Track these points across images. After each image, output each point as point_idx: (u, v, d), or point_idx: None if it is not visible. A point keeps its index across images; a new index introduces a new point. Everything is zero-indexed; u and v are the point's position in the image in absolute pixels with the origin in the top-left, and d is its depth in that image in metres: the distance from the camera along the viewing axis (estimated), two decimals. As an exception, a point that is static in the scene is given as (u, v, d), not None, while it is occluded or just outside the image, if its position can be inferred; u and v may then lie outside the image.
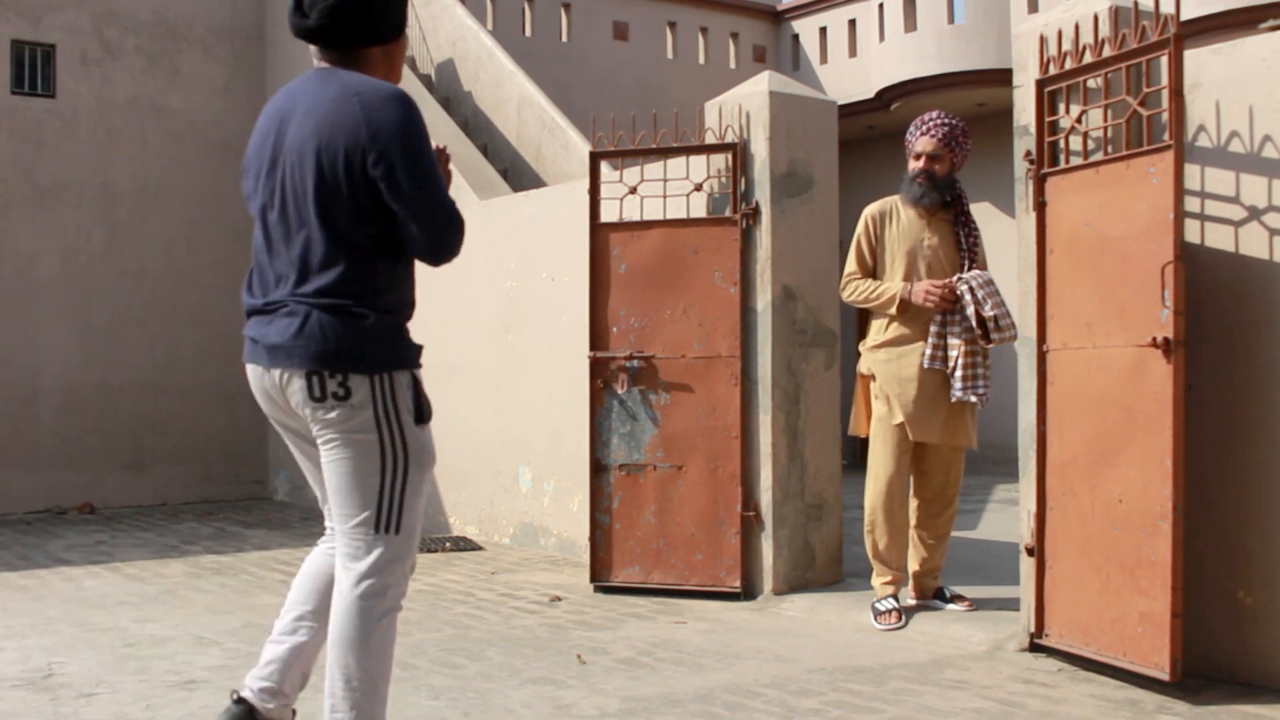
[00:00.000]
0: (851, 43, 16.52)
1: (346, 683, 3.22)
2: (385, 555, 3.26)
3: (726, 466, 6.50)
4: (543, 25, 15.58)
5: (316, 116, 3.20)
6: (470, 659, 5.24)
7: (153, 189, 11.47)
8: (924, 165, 5.76)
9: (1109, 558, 4.73)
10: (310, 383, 3.19)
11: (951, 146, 5.78)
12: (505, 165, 11.28)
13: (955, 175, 5.85)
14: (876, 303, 5.82)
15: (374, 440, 3.21)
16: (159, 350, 11.45)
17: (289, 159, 3.24)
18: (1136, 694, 4.54)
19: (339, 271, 3.20)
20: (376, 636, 3.24)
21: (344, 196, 3.17)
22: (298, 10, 3.34)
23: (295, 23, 3.36)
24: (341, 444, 3.23)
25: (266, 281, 3.32)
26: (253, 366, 3.34)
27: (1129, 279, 4.65)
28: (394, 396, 3.24)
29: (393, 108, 3.16)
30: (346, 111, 3.16)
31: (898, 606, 5.78)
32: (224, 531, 9.43)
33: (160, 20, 11.60)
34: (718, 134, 6.66)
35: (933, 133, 5.78)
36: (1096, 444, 4.82)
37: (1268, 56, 4.57)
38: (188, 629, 5.89)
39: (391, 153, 3.12)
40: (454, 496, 9.26)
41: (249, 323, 3.35)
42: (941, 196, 5.80)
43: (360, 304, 3.21)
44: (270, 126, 3.34)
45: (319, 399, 3.19)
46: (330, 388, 3.18)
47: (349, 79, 3.24)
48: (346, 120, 3.16)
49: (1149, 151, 4.61)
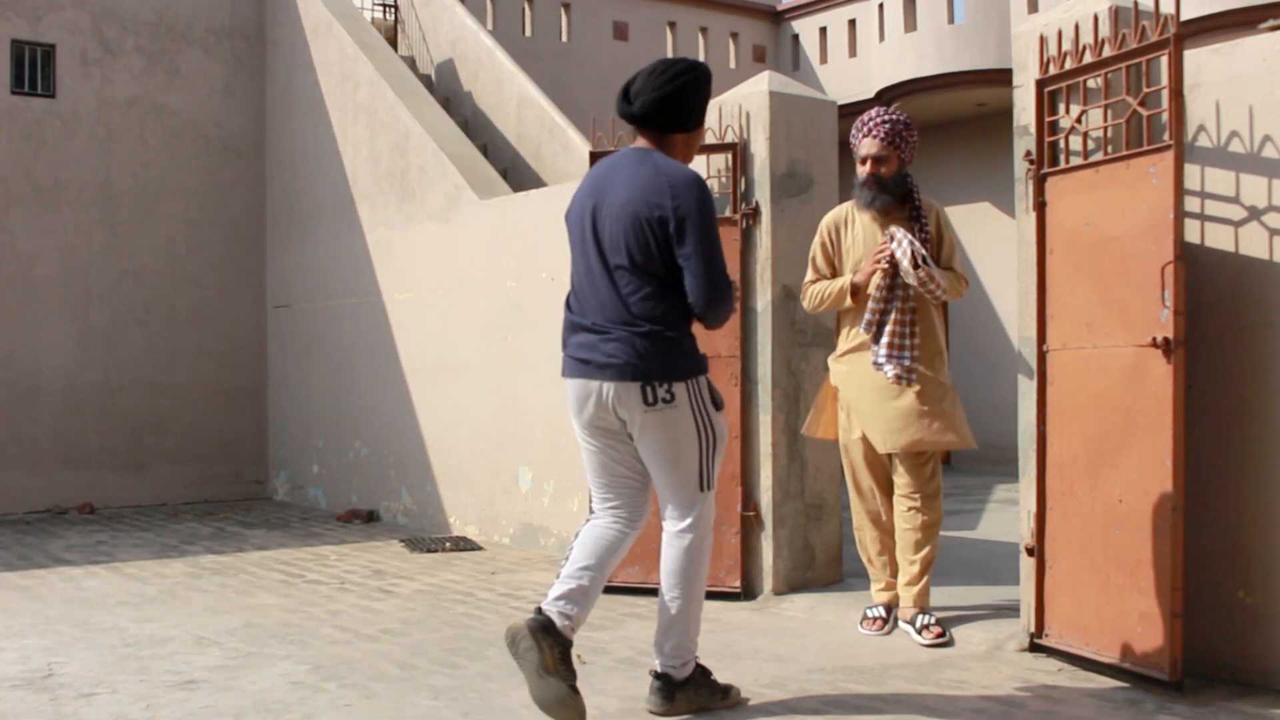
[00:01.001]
0: (851, 43, 16.53)
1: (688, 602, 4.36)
2: (706, 508, 4.36)
3: (726, 466, 6.49)
4: (542, 25, 15.58)
5: (634, 186, 4.21)
6: (470, 659, 5.24)
7: (153, 189, 11.47)
8: (870, 169, 5.56)
9: (1109, 558, 4.73)
10: (644, 392, 4.20)
11: (896, 144, 5.56)
12: (505, 165, 11.29)
13: (906, 172, 5.64)
14: (832, 299, 5.65)
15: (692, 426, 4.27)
16: (159, 350, 11.45)
17: (611, 213, 4.23)
18: (1136, 694, 4.54)
19: (650, 305, 4.20)
20: (705, 567, 4.40)
21: (651, 248, 4.16)
22: (624, 98, 4.32)
23: (621, 108, 4.35)
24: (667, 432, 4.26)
25: (587, 307, 4.31)
26: (581, 382, 4.31)
27: (1129, 279, 4.65)
28: (700, 393, 4.29)
29: (692, 189, 4.16)
30: (657, 186, 4.17)
31: (884, 615, 5.69)
32: (224, 531, 9.43)
33: (160, 20, 11.59)
34: (718, 134, 6.66)
35: (874, 133, 5.57)
36: (1096, 444, 4.82)
37: (1268, 56, 4.57)
38: (187, 629, 5.89)
39: (686, 221, 4.13)
40: (454, 496, 9.26)
41: (574, 340, 4.35)
42: (892, 197, 5.59)
43: (669, 329, 4.21)
44: (595, 185, 4.35)
45: (650, 403, 4.20)
46: (660, 394, 4.20)
47: (660, 160, 4.26)
48: (656, 193, 4.17)
49: (1149, 151, 4.61)
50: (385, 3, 13.49)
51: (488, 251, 8.87)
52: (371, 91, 10.50)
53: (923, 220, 5.56)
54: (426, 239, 9.69)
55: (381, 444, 10.16)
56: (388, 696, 4.65)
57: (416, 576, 7.33)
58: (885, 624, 5.64)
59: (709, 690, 4.42)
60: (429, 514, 9.53)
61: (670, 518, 4.40)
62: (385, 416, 10.10)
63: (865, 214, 5.67)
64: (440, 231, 9.53)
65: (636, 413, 4.22)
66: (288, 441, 11.60)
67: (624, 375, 4.20)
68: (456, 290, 9.26)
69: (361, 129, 10.64)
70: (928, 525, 5.61)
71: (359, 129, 10.67)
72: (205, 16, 11.84)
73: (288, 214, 11.71)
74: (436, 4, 12.77)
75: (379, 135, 10.39)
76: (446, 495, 9.34)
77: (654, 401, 4.21)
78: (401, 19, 13.39)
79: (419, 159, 9.86)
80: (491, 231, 8.88)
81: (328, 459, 10.92)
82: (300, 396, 11.39)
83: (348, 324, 10.66)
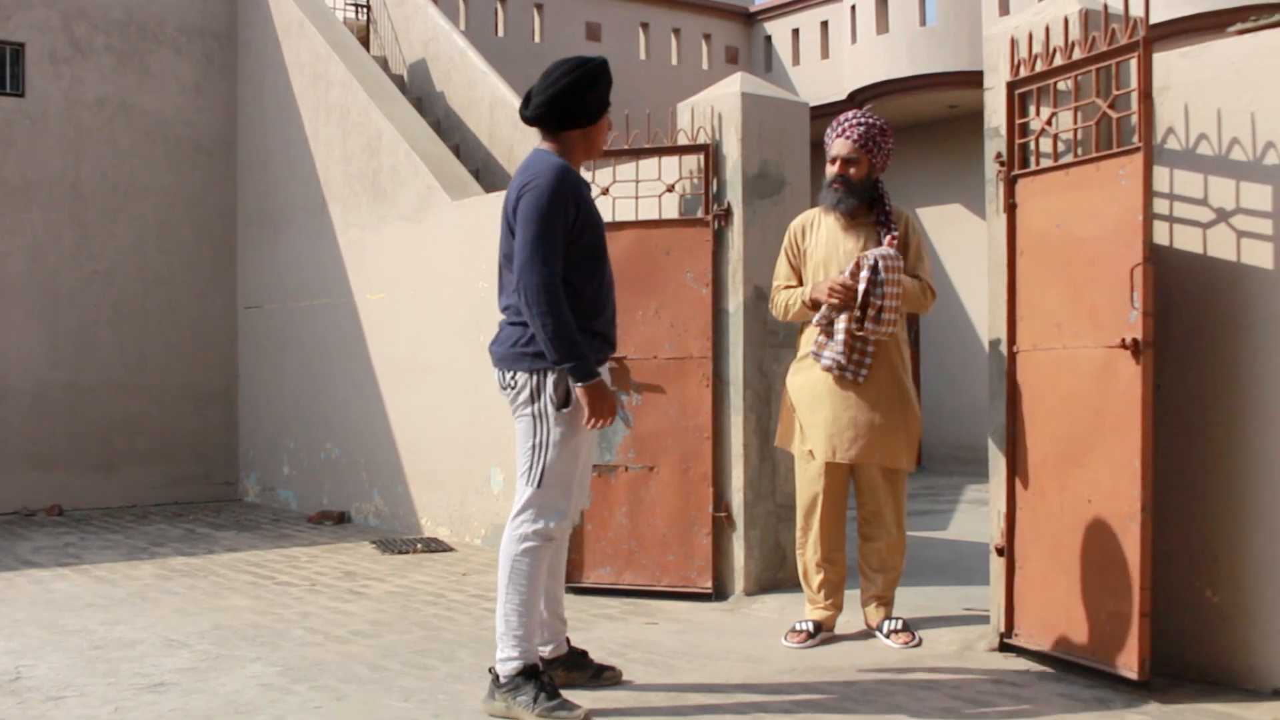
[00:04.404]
0: (824, 44, 16.58)
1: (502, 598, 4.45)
2: (535, 507, 4.41)
3: (698, 467, 6.51)
4: (515, 26, 15.57)
5: (511, 184, 4.45)
6: (442, 660, 5.23)
7: (123, 188, 11.41)
8: (839, 170, 5.45)
9: (1078, 558, 4.75)
10: (499, 375, 4.51)
11: (869, 148, 5.44)
12: (478, 166, 11.27)
13: (877, 177, 5.52)
14: (795, 309, 5.53)
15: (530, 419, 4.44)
16: (129, 351, 11.39)
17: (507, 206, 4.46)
18: (1105, 693, 4.56)
19: (512, 294, 4.38)
20: (521, 569, 4.41)
21: (510, 238, 4.40)
22: (525, 104, 4.49)
23: (520, 112, 4.55)
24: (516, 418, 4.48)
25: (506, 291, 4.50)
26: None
27: (1098, 280, 4.67)
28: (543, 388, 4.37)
29: (538, 179, 4.32)
30: (518, 181, 4.40)
31: (810, 631, 5.50)
32: (194, 533, 9.39)
33: (131, 19, 11.54)
34: (690, 135, 6.67)
35: (847, 134, 5.45)
36: (1066, 444, 4.84)
37: (1236, 60, 4.60)
38: (157, 631, 5.86)
39: (520, 208, 4.33)
40: (426, 497, 9.24)
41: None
42: (860, 201, 5.48)
43: (518, 317, 4.41)
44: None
45: (502, 388, 4.49)
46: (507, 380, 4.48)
47: (535, 158, 4.45)
48: (515, 188, 4.39)
49: (1118, 154, 4.64)
50: (357, 3, 13.45)
51: (460, 252, 8.85)
52: (343, 92, 10.47)
53: (891, 226, 5.44)
54: (398, 239, 9.67)
55: (353, 445, 10.13)
56: (358, 698, 4.64)
57: (387, 578, 7.31)
58: (810, 639, 5.47)
59: (529, 700, 4.24)
60: (400, 515, 9.51)
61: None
62: (357, 417, 10.07)
63: (830, 216, 5.56)
64: (412, 232, 9.51)
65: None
66: (258, 443, 11.55)
67: (492, 358, 4.51)
68: (428, 291, 9.24)
69: (333, 129, 10.60)
70: (894, 549, 5.56)
71: (331, 129, 10.64)
72: (176, 15, 11.79)
73: (259, 214, 11.67)
74: (409, 4, 12.74)
75: (351, 135, 10.36)
76: (418, 496, 9.32)
77: (504, 387, 4.46)
78: (374, 19, 13.36)
79: (391, 159, 9.83)
80: (464, 232, 8.87)
81: (299, 460, 10.88)
82: (271, 397, 11.35)
83: (319, 325, 10.63)
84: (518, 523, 4.40)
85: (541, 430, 4.37)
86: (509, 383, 4.42)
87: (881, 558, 5.56)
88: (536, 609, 4.42)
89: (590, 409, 4.30)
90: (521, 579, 4.36)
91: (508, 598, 4.37)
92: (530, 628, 4.38)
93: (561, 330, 4.24)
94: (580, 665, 4.72)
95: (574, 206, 4.37)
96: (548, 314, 4.22)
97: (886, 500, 5.51)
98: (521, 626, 4.36)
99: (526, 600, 4.37)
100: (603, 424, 4.36)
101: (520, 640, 4.35)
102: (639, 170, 6.80)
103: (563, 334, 4.24)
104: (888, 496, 5.51)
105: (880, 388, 5.39)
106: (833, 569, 5.59)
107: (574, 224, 4.37)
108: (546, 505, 4.39)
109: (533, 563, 4.37)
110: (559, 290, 4.26)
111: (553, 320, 4.23)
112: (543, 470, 4.36)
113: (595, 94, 4.49)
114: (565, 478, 4.41)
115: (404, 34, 12.80)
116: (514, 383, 4.40)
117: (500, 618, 4.39)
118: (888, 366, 5.41)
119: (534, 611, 4.40)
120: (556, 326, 4.23)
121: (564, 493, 4.42)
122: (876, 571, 5.58)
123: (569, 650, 4.73)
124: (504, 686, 4.34)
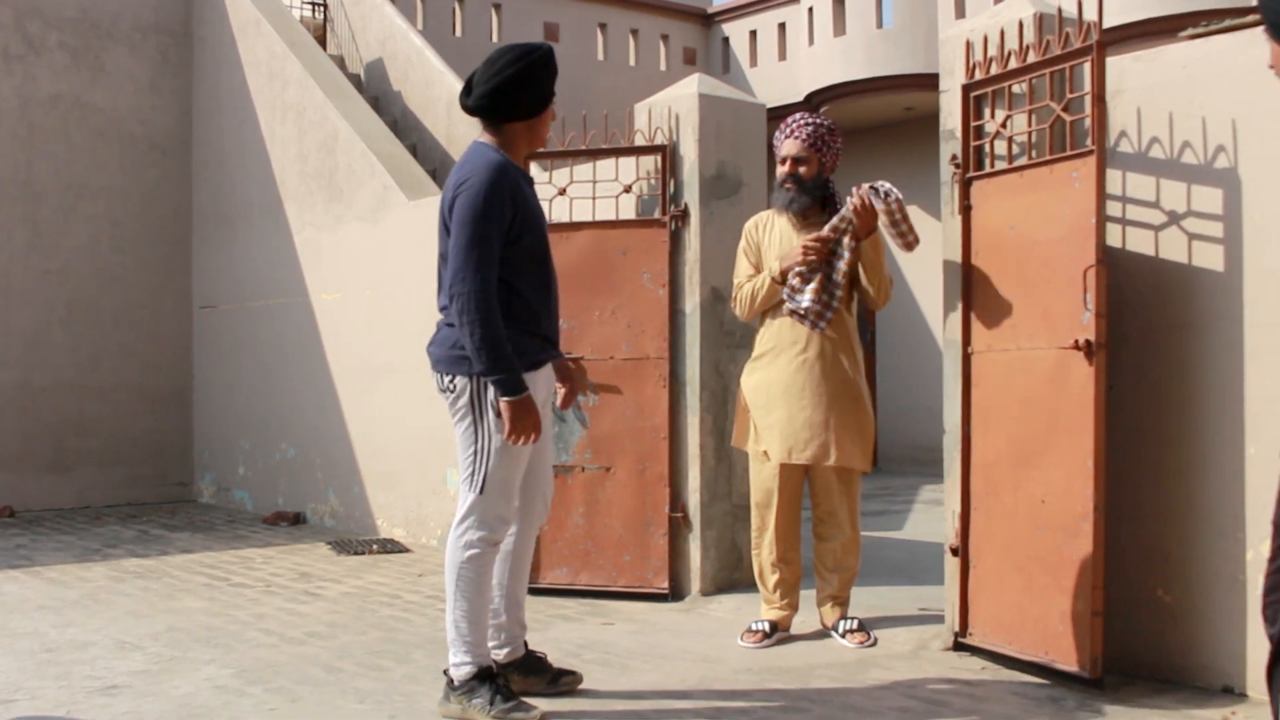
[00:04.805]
0: (781, 46, 16.62)
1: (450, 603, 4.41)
2: (478, 514, 4.33)
3: (654, 468, 6.51)
4: (473, 25, 15.54)
5: (447, 181, 4.36)
6: (397, 661, 5.21)
7: (76, 187, 11.31)
8: (789, 169, 5.49)
9: (1031, 557, 4.79)
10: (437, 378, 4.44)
11: (818, 147, 5.47)
12: (435, 165, 11.23)
13: (828, 177, 5.56)
14: (763, 296, 5.49)
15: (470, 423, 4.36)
16: (82, 351, 11.28)
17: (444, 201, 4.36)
18: (1058, 691, 4.59)
19: (446, 295, 4.33)
20: (467, 575, 4.35)
21: (446, 238, 4.34)
22: (466, 92, 4.34)
23: (461, 102, 4.39)
24: (455, 422, 4.37)
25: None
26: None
27: (1052, 282, 4.70)
28: (483, 393, 4.27)
29: (472, 177, 4.22)
30: (453, 179, 4.30)
31: (766, 630, 5.51)
32: (147, 534, 9.31)
33: (84, 16, 11.44)
34: (647, 136, 6.67)
35: (796, 134, 5.49)
36: (1020, 445, 4.87)
37: (1188, 64, 4.64)
38: (109, 633, 5.81)
39: (455, 209, 4.25)
40: (382, 498, 9.20)
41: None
42: (812, 200, 5.51)
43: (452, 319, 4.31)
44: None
45: (440, 390, 4.42)
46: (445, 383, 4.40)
47: (471, 153, 4.33)
48: (450, 186, 4.32)
49: (1072, 156, 4.68)
50: (314, 1, 13.38)
51: (417, 252, 8.82)
52: (300, 90, 10.42)
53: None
54: (355, 239, 9.63)
55: (309, 446, 10.08)
56: (313, 700, 4.62)
57: (343, 579, 7.28)
58: (766, 639, 5.48)
59: (484, 703, 4.24)
60: (356, 516, 9.47)
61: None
62: (312, 418, 10.02)
63: (783, 217, 5.59)
64: (369, 232, 9.47)
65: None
66: (213, 443, 11.48)
67: (430, 359, 4.42)
68: (385, 291, 9.20)
69: (290, 128, 10.55)
70: (848, 548, 5.58)
71: (287, 128, 10.59)
72: (131, 13, 11.70)
73: (214, 213, 11.59)
74: (366, 3, 12.69)
75: (307, 134, 10.31)
76: (374, 497, 9.29)
77: (442, 389, 4.37)
78: (330, 18, 13.29)
79: (347, 159, 9.79)
80: (420, 232, 8.83)
81: (254, 461, 10.82)
82: (226, 398, 11.28)
83: (275, 325, 10.57)
84: (461, 530, 4.33)
85: (483, 436, 4.28)
86: (447, 386, 4.33)
87: (836, 558, 5.58)
88: (485, 614, 4.37)
89: (512, 425, 4.16)
90: (468, 586, 4.31)
91: (455, 604, 4.33)
92: (480, 633, 4.34)
93: (490, 341, 4.12)
94: (537, 670, 4.64)
95: (512, 207, 4.24)
96: (477, 323, 4.12)
97: (841, 501, 5.53)
98: (471, 633, 4.32)
99: (474, 606, 4.32)
100: (524, 441, 4.21)
101: (471, 646, 4.32)
102: (596, 171, 6.80)
103: (492, 345, 4.13)
104: (842, 497, 5.53)
105: (835, 388, 5.40)
106: (788, 569, 5.61)
107: (513, 225, 4.26)
108: (489, 512, 4.31)
109: (478, 569, 4.32)
110: (492, 299, 4.15)
111: (482, 330, 4.12)
112: (485, 477, 4.28)
113: (538, 85, 4.32)
114: (508, 484, 4.33)
115: (361, 33, 12.74)
116: (453, 386, 4.31)
117: (450, 624, 4.35)
118: (841, 367, 5.42)
119: (483, 617, 4.36)
120: (485, 337, 4.12)
121: (507, 499, 4.34)
122: (832, 571, 5.60)
123: (526, 654, 4.66)
124: (459, 689, 4.32)
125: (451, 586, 4.34)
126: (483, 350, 4.13)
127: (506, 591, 4.55)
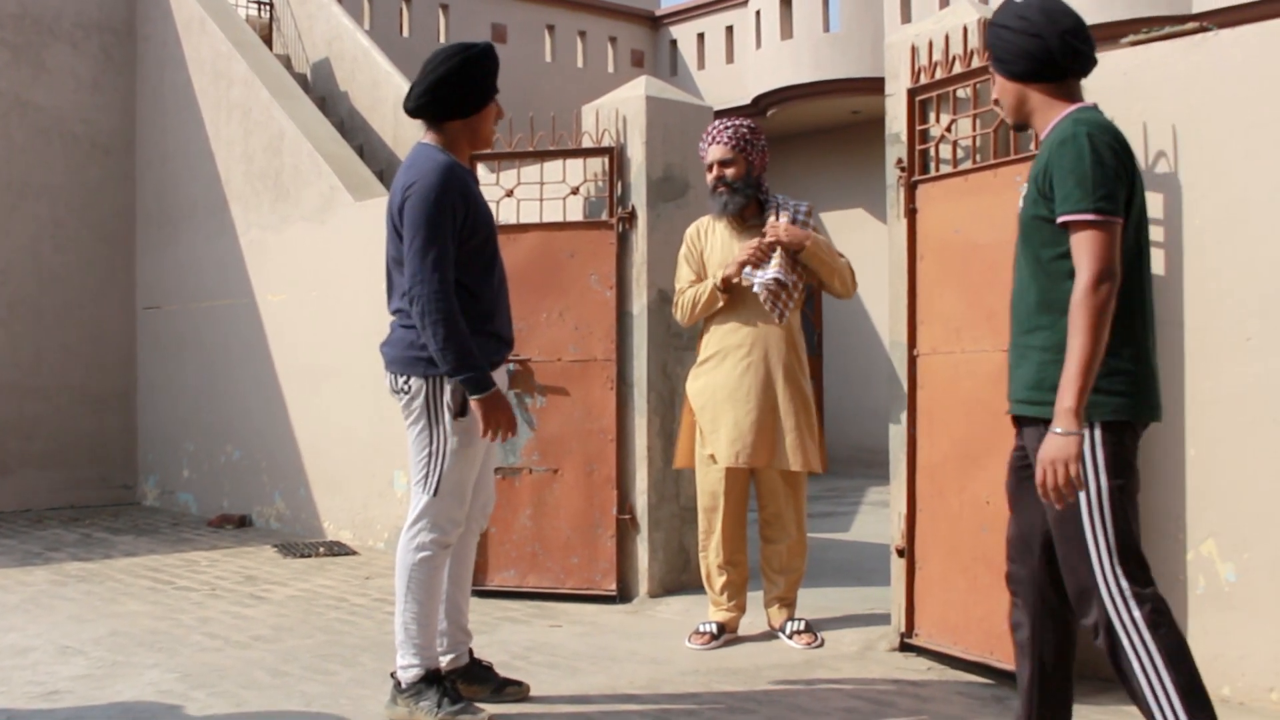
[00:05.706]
0: (729, 49, 16.67)
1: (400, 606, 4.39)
2: (430, 516, 4.32)
3: (602, 470, 6.52)
4: (420, 26, 15.49)
5: (394, 182, 4.35)
6: (344, 665, 5.19)
7: (17, 186, 11.17)
8: (717, 174, 5.53)
9: (977, 558, 4.83)
10: (390, 379, 4.47)
11: (742, 148, 5.51)
12: (382, 166, 11.19)
13: (759, 177, 5.59)
14: (705, 302, 5.52)
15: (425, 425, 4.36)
16: (23, 352, 11.14)
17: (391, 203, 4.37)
18: (1004, 691, 4.63)
19: (402, 297, 4.35)
20: (418, 578, 4.35)
21: (397, 240, 4.33)
22: (408, 96, 4.34)
23: (404, 104, 4.40)
24: (409, 423, 4.39)
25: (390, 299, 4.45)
26: None
27: (996, 285, 4.74)
28: (438, 394, 4.30)
29: (422, 179, 4.21)
30: (401, 180, 4.29)
31: (714, 633, 5.53)
32: (90, 538, 9.22)
33: (25, 12, 11.30)
34: (595, 138, 6.68)
35: (719, 139, 5.54)
36: (965, 446, 4.92)
37: (1128, 71, 4.69)
38: (51, 638, 5.75)
39: (405, 212, 4.25)
40: (328, 501, 9.15)
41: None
42: (746, 199, 5.55)
43: (409, 320, 4.34)
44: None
45: (393, 390, 4.45)
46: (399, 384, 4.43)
47: (417, 154, 4.34)
48: (398, 188, 4.29)
49: (1016, 160, 4.72)
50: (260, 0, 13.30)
51: (363, 253, 8.78)
52: (245, 90, 10.35)
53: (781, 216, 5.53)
54: (301, 240, 9.57)
55: (254, 448, 10.01)
56: (259, 704, 4.59)
57: (289, 582, 7.23)
58: (714, 640, 5.51)
59: (432, 705, 4.24)
60: (303, 519, 9.41)
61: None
62: (258, 420, 9.95)
63: (721, 223, 5.64)
64: (315, 232, 9.42)
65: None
66: (157, 445, 11.37)
67: (384, 360, 4.43)
68: (331, 292, 9.15)
69: (235, 128, 10.48)
70: (794, 551, 5.61)
71: (232, 128, 10.51)
72: (73, 10, 11.57)
73: (158, 213, 11.49)
74: (312, 2, 12.62)
75: (253, 134, 10.24)
76: (320, 500, 9.23)
77: (395, 390, 4.36)
78: (277, 17, 13.21)
79: (293, 159, 9.74)
80: (367, 233, 8.79)
81: (199, 463, 10.73)
82: (170, 399, 11.17)
83: (220, 326, 10.49)
84: (413, 532, 4.31)
85: (438, 438, 4.27)
86: (402, 387, 4.32)
87: (783, 560, 5.60)
88: (435, 617, 4.37)
89: (486, 421, 4.20)
90: (419, 588, 4.30)
91: (405, 606, 4.31)
92: (429, 635, 4.34)
93: (455, 340, 4.13)
94: (482, 679, 4.59)
95: (462, 207, 4.25)
96: (440, 324, 4.12)
97: (787, 503, 5.56)
98: (420, 635, 4.31)
99: (424, 609, 4.32)
100: (502, 437, 4.26)
101: (420, 648, 4.31)
102: (543, 172, 6.80)
103: (456, 345, 4.13)
104: (788, 499, 5.56)
105: (781, 391, 5.44)
106: (735, 571, 5.63)
107: (463, 225, 4.26)
108: (442, 514, 4.31)
109: (429, 571, 4.32)
110: (452, 299, 4.16)
111: (445, 330, 4.12)
112: (439, 479, 4.27)
113: (477, 82, 4.32)
114: (462, 486, 4.34)
115: (307, 33, 12.67)
116: (407, 388, 4.30)
117: (399, 626, 4.34)
118: (786, 370, 5.46)
119: (433, 619, 4.36)
120: (449, 336, 4.12)
121: (460, 501, 4.35)
122: (778, 573, 5.62)
123: (470, 661, 4.63)
124: (406, 692, 4.31)
125: (402, 588, 4.32)
126: (448, 350, 4.13)
127: (447, 597, 4.51)
